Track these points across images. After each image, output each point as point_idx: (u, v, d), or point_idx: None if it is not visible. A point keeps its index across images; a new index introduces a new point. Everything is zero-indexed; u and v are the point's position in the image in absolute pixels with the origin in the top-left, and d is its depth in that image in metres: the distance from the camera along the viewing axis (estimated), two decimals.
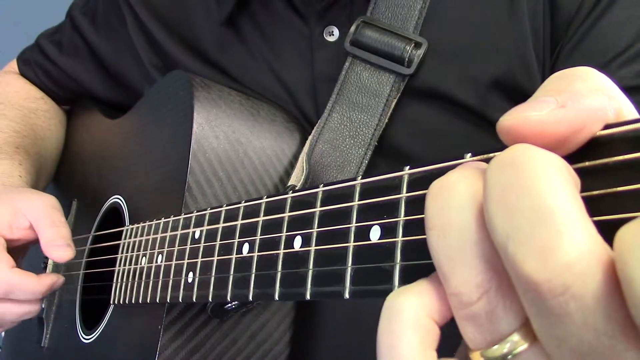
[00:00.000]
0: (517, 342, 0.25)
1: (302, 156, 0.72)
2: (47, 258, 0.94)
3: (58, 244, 0.75)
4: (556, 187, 0.22)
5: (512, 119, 0.26)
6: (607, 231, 0.23)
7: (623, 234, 0.21)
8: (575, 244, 0.21)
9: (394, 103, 0.70)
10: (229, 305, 0.64)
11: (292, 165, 0.74)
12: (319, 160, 0.70)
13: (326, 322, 0.72)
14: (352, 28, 0.71)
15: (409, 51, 0.69)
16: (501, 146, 0.28)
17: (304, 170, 0.69)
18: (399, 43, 0.69)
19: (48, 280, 0.76)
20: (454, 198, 0.26)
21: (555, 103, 0.25)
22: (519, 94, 0.68)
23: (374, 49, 0.70)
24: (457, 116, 0.70)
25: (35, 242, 0.80)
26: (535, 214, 0.22)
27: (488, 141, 0.68)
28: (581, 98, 0.25)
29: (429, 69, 0.70)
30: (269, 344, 0.68)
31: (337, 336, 0.72)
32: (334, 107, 0.72)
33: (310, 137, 0.73)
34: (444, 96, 0.69)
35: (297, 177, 0.70)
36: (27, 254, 0.84)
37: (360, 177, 0.38)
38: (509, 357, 0.25)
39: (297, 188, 0.68)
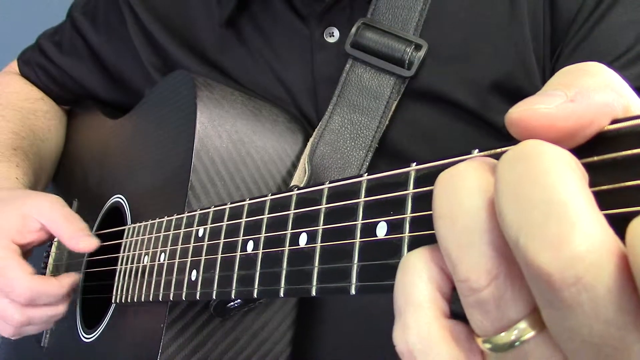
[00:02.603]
0: (524, 330, 0.25)
1: (304, 158, 0.72)
2: (47, 258, 0.94)
3: (81, 236, 0.76)
4: (567, 180, 0.23)
5: (521, 111, 0.26)
6: (616, 225, 0.23)
7: (635, 227, 0.21)
8: (587, 236, 0.22)
9: (394, 105, 0.70)
10: (232, 303, 0.64)
11: (294, 165, 0.74)
12: (320, 162, 0.70)
13: (327, 322, 0.72)
14: (353, 30, 0.71)
15: (409, 53, 0.69)
16: (508, 143, 0.29)
17: (307, 172, 0.69)
18: (400, 45, 0.69)
19: (68, 281, 0.76)
20: (463, 186, 0.26)
21: (564, 97, 0.25)
22: (520, 96, 0.67)
23: (374, 51, 0.71)
24: (458, 118, 0.70)
25: (44, 243, 0.80)
26: (547, 207, 0.22)
27: (489, 143, 0.68)
28: (590, 93, 0.25)
29: (429, 71, 0.70)
30: (271, 343, 0.68)
31: (338, 336, 0.72)
32: (335, 109, 0.72)
33: (311, 139, 0.73)
34: (444, 98, 0.70)
35: (299, 179, 0.70)
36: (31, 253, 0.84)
37: (366, 173, 0.38)
38: (516, 344, 0.25)
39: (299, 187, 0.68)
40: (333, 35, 0.75)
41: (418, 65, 0.69)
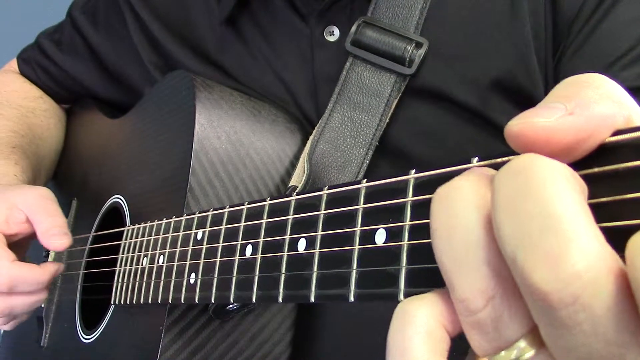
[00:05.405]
0: (524, 349, 0.25)
1: (303, 156, 0.72)
2: (47, 254, 0.94)
3: (54, 233, 0.75)
4: (564, 195, 0.22)
5: (520, 124, 0.25)
6: (616, 238, 0.22)
7: (636, 243, 0.21)
8: (584, 253, 0.21)
9: (394, 103, 0.70)
10: (231, 305, 0.64)
11: (293, 165, 0.74)
12: (320, 160, 0.70)
13: (327, 323, 0.72)
14: (353, 28, 0.71)
15: (410, 51, 0.69)
16: (507, 152, 0.28)
17: (305, 171, 0.69)
18: (400, 43, 0.69)
19: (50, 269, 0.76)
20: (460, 202, 0.26)
21: (564, 110, 0.25)
22: (520, 95, 0.68)
23: (374, 49, 0.70)
24: (458, 116, 0.70)
25: (34, 236, 0.79)
26: (543, 222, 0.22)
27: (489, 142, 0.68)
28: (590, 105, 0.25)
29: (430, 69, 0.70)
30: (270, 344, 0.68)
31: (338, 337, 0.72)
32: (335, 107, 0.72)
33: (311, 137, 0.73)
34: (444, 96, 0.69)
35: (298, 178, 0.70)
36: (29, 248, 0.84)
37: (365, 180, 0.38)
38: None
39: (298, 188, 0.68)
40: (333, 34, 0.75)
41: (419, 63, 0.68)
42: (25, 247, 0.83)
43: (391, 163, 0.71)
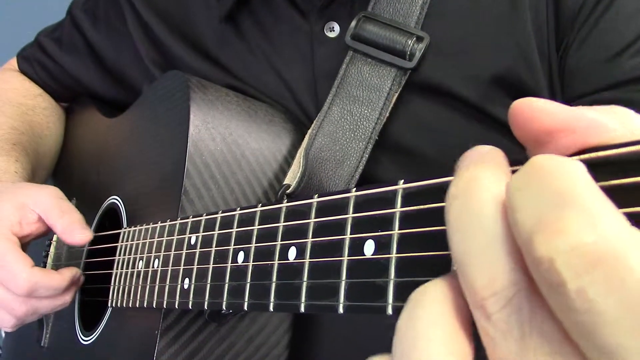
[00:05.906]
0: None
1: (300, 151, 0.71)
2: (45, 258, 0.94)
3: (75, 228, 0.75)
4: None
5: (521, 100, 0.26)
6: None
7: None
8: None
9: (394, 97, 0.69)
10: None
11: (289, 166, 0.73)
12: (317, 154, 0.70)
13: (325, 326, 0.72)
14: (353, 23, 0.71)
15: (411, 45, 0.68)
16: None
17: (300, 167, 0.68)
18: (401, 37, 0.68)
19: (69, 274, 0.75)
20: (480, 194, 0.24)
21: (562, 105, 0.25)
22: (521, 90, 0.67)
23: (375, 43, 0.70)
24: (459, 112, 0.69)
25: (42, 236, 0.79)
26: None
27: (490, 137, 0.68)
28: (586, 109, 0.25)
29: (431, 64, 0.69)
30: (268, 347, 0.67)
31: (336, 339, 0.72)
32: (334, 100, 0.71)
33: (309, 131, 0.72)
34: (445, 91, 0.69)
35: (293, 174, 0.69)
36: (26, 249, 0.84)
37: (354, 189, 0.37)
38: None
39: (292, 186, 0.67)
40: (333, 30, 0.75)
41: (419, 57, 0.68)
42: (26, 247, 0.82)
43: (391, 158, 0.71)
